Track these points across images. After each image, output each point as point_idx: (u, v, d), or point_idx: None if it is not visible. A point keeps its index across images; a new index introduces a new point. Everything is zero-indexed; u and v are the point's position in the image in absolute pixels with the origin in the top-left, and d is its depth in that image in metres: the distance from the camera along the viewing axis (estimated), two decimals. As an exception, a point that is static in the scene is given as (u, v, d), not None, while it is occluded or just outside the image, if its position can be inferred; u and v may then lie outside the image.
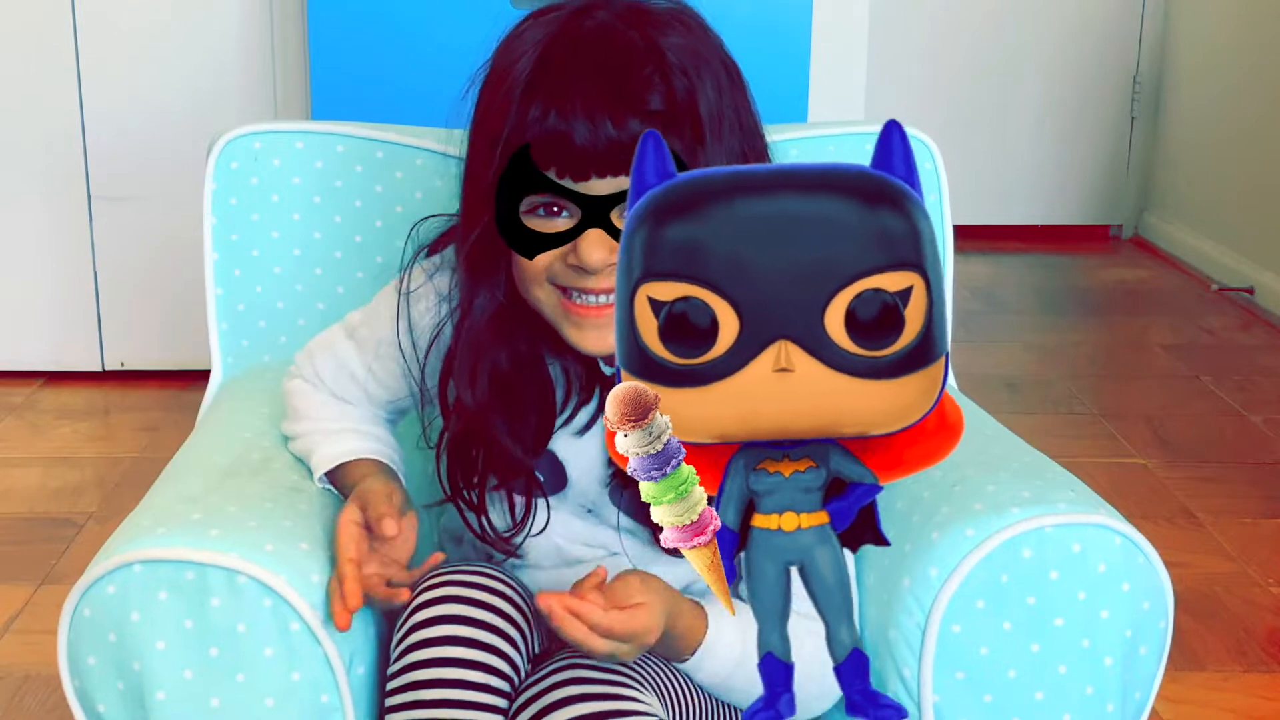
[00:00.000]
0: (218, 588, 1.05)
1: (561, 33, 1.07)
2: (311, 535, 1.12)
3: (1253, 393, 3.03)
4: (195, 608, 1.05)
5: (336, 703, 1.07)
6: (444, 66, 2.16)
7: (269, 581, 1.05)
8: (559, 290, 1.08)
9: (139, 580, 1.05)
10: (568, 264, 1.06)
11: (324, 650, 1.06)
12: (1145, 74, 4.29)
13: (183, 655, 1.05)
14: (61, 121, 2.86)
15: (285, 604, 1.05)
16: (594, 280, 1.05)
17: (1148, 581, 1.09)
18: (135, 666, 1.05)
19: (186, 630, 1.05)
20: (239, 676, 1.05)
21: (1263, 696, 1.90)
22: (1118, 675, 1.09)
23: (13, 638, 1.99)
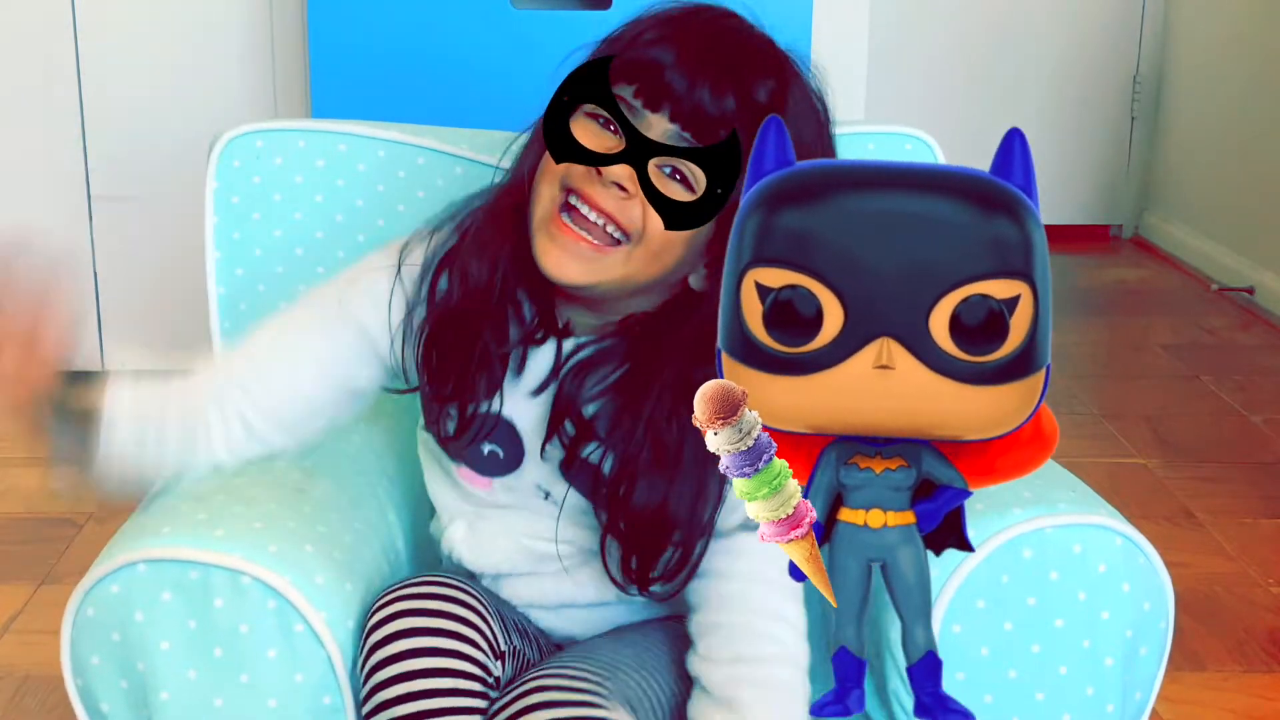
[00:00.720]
0: (221, 588, 1.05)
1: (687, 10, 1.08)
2: (315, 537, 1.12)
3: (1253, 393, 3.03)
4: (199, 608, 1.05)
5: (339, 704, 1.07)
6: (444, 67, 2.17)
7: (272, 583, 1.05)
8: (562, 194, 1.06)
9: (143, 580, 1.05)
10: (586, 175, 1.04)
11: (327, 652, 1.06)
12: (1145, 74, 4.28)
13: (187, 655, 1.05)
14: (61, 121, 2.86)
15: (289, 605, 1.05)
16: (601, 195, 1.04)
17: (1148, 582, 1.09)
18: (140, 666, 1.05)
19: (190, 630, 1.05)
20: (242, 677, 1.05)
21: (1263, 696, 1.90)
22: (1118, 676, 1.09)
23: (12, 638, 1.99)
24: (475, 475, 1.19)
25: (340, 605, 1.09)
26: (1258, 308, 3.60)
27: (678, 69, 1.03)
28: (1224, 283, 3.75)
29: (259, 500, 1.15)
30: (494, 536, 1.20)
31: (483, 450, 1.17)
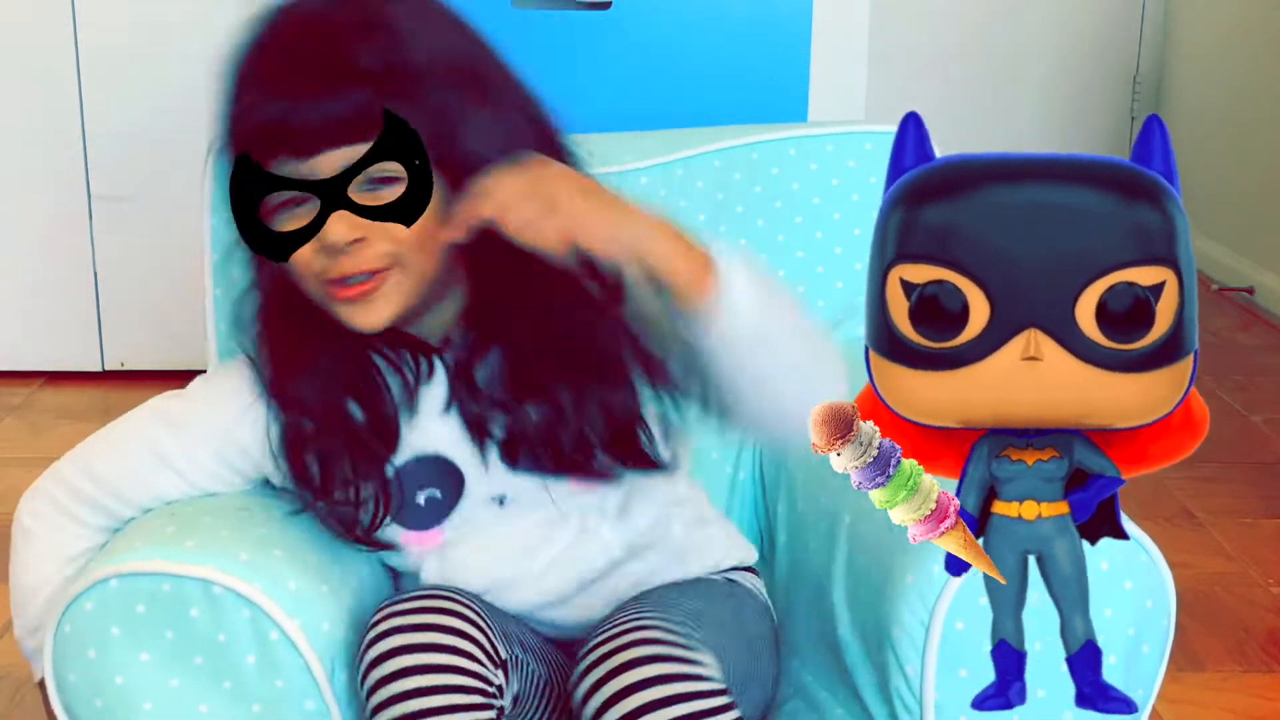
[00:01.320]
0: (195, 598, 1.05)
1: (260, 25, 1.09)
2: (285, 542, 1.13)
3: (1253, 393, 3.03)
4: (175, 618, 1.05)
5: (322, 709, 1.08)
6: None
7: (244, 591, 1.05)
8: (320, 273, 1.07)
9: (116, 594, 1.06)
10: (321, 251, 1.05)
11: (304, 658, 1.07)
12: (1145, 74, 4.28)
13: (168, 665, 1.06)
14: (61, 121, 2.85)
15: (262, 613, 1.06)
16: (348, 262, 1.05)
17: (1150, 580, 1.09)
18: (117, 681, 1.06)
19: (168, 640, 1.05)
20: (225, 684, 1.06)
21: (1263, 696, 1.90)
22: (1120, 674, 1.09)
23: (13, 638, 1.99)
24: (420, 534, 1.18)
25: (315, 610, 1.09)
26: (1258, 308, 3.60)
27: (284, 116, 1.03)
28: (1224, 283, 3.75)
29: (228, 510, 1.16)
30: (468, 561, 1.19)
31: (418, 501, 1.17)
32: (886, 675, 1.12)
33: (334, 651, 1.09)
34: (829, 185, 1.55)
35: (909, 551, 1.11)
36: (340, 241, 1.04)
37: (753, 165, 1.59)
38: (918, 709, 1.10)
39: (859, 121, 1.63)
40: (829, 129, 1.59)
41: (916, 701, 1.10)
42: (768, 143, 1.60)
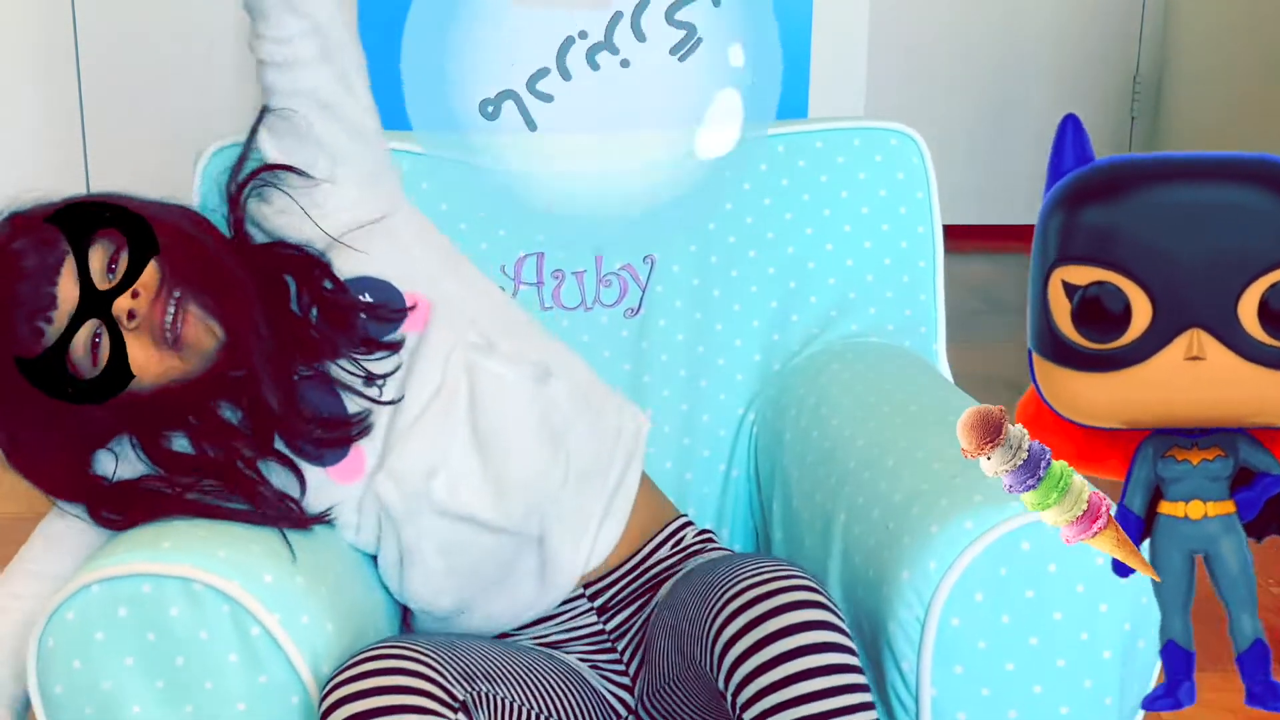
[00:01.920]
0: (175, 597, 1.06)
1: None
2: (261, 537, 1.14)
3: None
4: (156, 620, 1.06)
5: (307, 703, 1.08)
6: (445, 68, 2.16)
7: (223, 588, 1.06)
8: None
9: (97, 600, 1.06)
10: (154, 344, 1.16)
11: (285, 653, 1.07)
12: (1145, 74, 4.29)
13: (151, 668, 1.06)
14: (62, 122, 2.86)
15: (242, 609, 1.06)
16: (138, 318, 1.15)
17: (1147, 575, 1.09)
18: (105, 686, 1.06)
19: (150, 643, 1.06)
20: (207, 684, 1.06)
21: (1263, 694, 1.90)
22: (1116, 668, 1.09)
23: None
24: (341, 466, 1.24)
25: (292, 603, 1.09)
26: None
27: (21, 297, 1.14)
28: (1224, 282, 3.75)
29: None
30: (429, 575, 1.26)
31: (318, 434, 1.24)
32: (883, 671, 1.12)
33: (315, 647, 1.10)
34: (818, 181, 1.55)
35: (904, 548, 1.11)
36: (121, 314, 1.14)
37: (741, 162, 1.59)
38: (914, 704, 1.10)
39: (846, 118, 1.63)
40: (817, 125, 1.60)
41: (913, 697, 1.10)
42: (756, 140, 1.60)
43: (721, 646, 1.04)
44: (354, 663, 1.06)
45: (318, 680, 1.08)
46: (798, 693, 1.01)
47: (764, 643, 1.03)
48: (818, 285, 1.54)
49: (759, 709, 1.02)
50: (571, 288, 1.55)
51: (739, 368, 1.54)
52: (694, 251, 1.56)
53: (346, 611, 1.16)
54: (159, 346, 1.16)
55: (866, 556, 1.18)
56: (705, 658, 1.06)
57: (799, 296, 1.54)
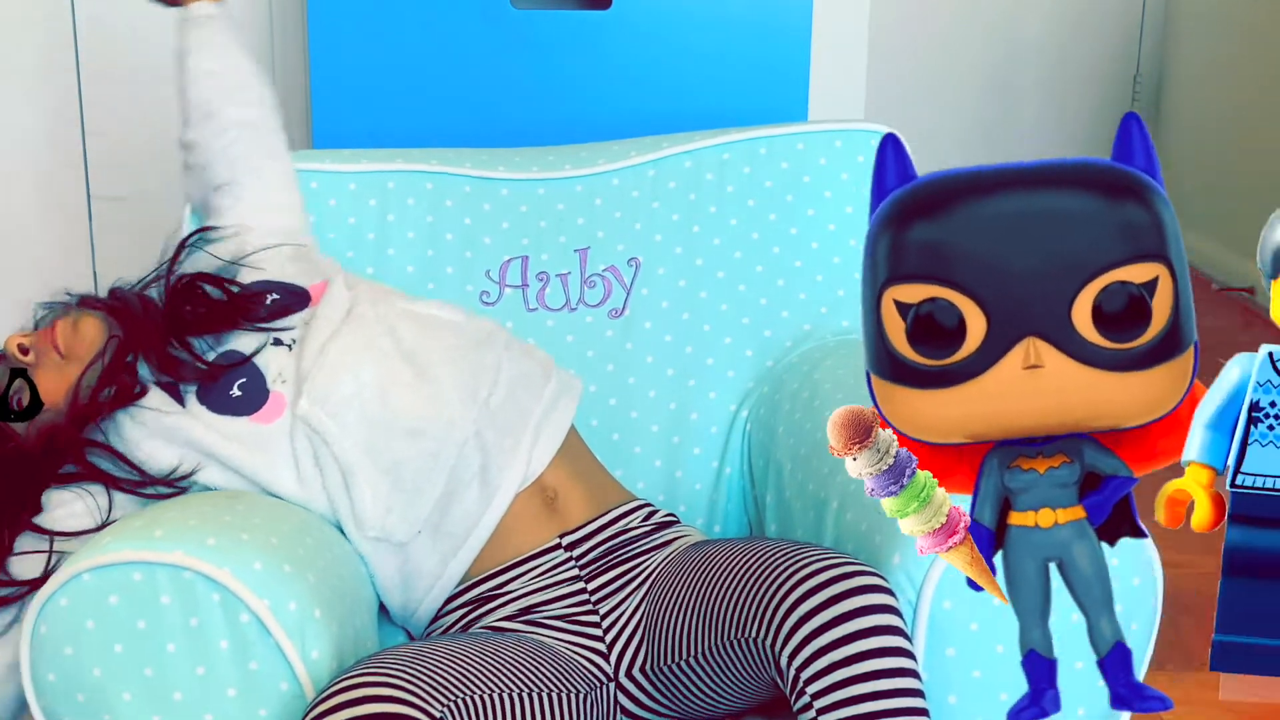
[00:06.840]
0: (166, 585, 1.07)
1: None
2: (250, 526, 1.15)
3: (1252, 392, 3.02)
4: (147, 607, 1.07)
5: (297, 689, 1.09)
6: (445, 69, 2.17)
7: (214, 575, 1.07)
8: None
9: (89, 588, 1.07)
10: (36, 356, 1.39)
11: (275, 639, 1.08)
12: (1145, 74, 4.29)
13: (140, 655, 1.07)
14: (61, 121, 2.86)
15: (232, 596, 1.07)
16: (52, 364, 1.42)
17: (1137, 557, 1.10)
18: (96, 673, 1.07)
19: (140, 630, 1.06)
20: (198, 670, 1.07)
21: (1260, 695, 1.90)
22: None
23: None
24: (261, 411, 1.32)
25: (280, 590, 1.10)
26: (1258, 307, 3.60)
27: None
28: (1224, 283, 3.75)
29: (194, 503, 1.20)
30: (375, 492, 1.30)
31: (234, 394, 1.32)
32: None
33: (304, 632, 1.10)
34: (801, 183, 1.58)
35: (895, 533, 1.12)
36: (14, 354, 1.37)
37: (724, 165, 1.61)
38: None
39: (830, 120, 1.64)
40: (799, 128, 1.62)
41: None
42: (739, 143, 1.62)
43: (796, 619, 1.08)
44: (332, 692, 1.05)
45: (307, 666, 1.09)
46: (869, 689, 1.05)
47: (838, 638, 1.07)
48: (805, 282, 1.56)
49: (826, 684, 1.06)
50: (556, 289, 1.57)
51: (731, 365, 1.55)
52: (679, 254, 1.58)
53: (333, 598, 1.17)
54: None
55: (858, 542, 1.19)
56: (766, 629, 1.09)
57: (788, 293, 1.56)
